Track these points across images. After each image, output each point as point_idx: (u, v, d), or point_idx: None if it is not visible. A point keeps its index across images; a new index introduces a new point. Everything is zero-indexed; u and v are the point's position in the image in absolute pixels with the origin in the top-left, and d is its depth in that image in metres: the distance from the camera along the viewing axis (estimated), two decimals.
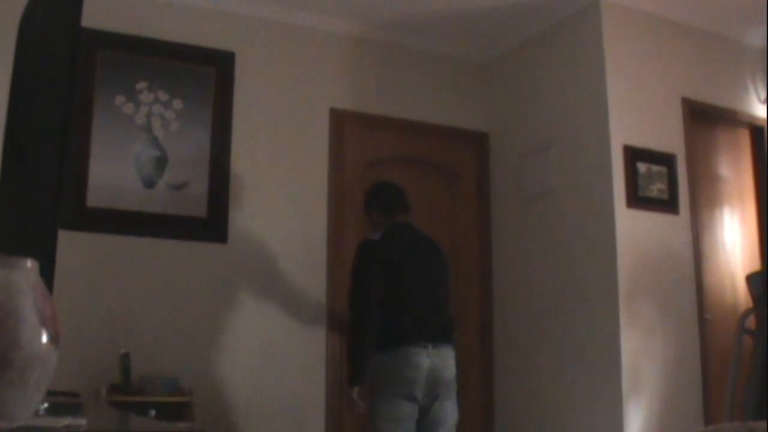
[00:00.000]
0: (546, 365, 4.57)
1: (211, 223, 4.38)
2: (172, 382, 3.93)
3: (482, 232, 5.17)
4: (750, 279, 4.49)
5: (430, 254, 3.74)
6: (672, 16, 4.68)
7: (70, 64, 1.28)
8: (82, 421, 1.09)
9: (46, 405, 1.11)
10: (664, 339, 4.29)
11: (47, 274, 1.03)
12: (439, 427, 3.50)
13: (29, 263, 0.94)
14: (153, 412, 3.61)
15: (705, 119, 4.80)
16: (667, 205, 4.48)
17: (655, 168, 4.44)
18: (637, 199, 4.35)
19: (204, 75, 4.50)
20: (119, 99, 4.25)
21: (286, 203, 4.60)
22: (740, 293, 4.66)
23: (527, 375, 4.72)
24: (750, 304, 4.23)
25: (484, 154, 5.28)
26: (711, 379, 4.36)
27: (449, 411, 3.53)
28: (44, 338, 0.91)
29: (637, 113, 4.48)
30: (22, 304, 0.90)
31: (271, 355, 4.40)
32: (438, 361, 3.46)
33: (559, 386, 4.45)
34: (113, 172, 4.18)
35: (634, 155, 4.38)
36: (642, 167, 4.39)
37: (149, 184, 4.27)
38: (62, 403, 1.12)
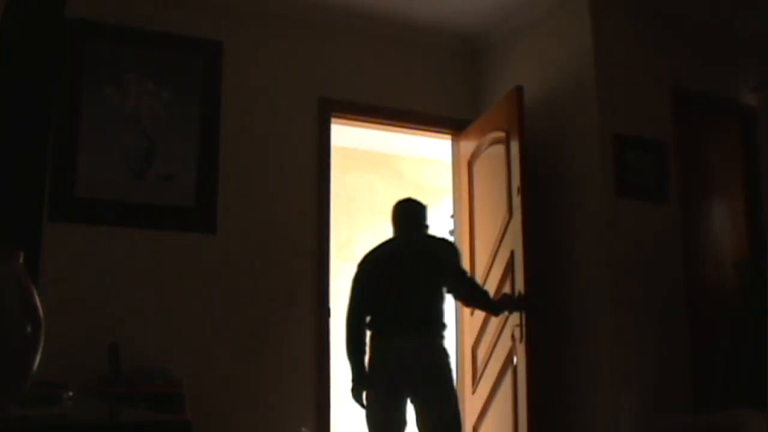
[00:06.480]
0: None
1: (199, 214, 4.37)
2: (162, 373, 3.93)
3: None
4: (739, 267, 4.52)
5: (414, 261, 3.83)
6: (661, 4, 4.68)
7: (55, 54, 1.27)
8: (69, 412, 1.08)
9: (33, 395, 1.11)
10: (654, 327, 4.31)
11: (32, 264, 1.02)
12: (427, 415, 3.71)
13: (13, 253, 0.93)
14: (142, 404, 3.61)
15: (694, 107, 4.80)
16: (657, 193, 4.48)
17: (644, 156, 4.44)
18: (626, 188, 4.35)
19: (192, 65, 4.47)
20: (107, 89, 4.23)
21: (274, 193, 4.59)
22: (729, 281, 4.67)
23: None
24: (739, 292, 4.26)
25: None
26: (701, 367, 4.38)
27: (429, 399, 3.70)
28: (28, 328, 0.90)
29: (626, 101, 4.48)
30: (5, 294, 0.89)
31: (261, 345, 4.40)
32: (406, 351, 3.62)
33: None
34: (102, 162, 4.16)
35: (623, 144, 4.38)
36: (631, 156, 4.39)
37: (138, 174, 4.25)
38: (50, 393, 1.12)
